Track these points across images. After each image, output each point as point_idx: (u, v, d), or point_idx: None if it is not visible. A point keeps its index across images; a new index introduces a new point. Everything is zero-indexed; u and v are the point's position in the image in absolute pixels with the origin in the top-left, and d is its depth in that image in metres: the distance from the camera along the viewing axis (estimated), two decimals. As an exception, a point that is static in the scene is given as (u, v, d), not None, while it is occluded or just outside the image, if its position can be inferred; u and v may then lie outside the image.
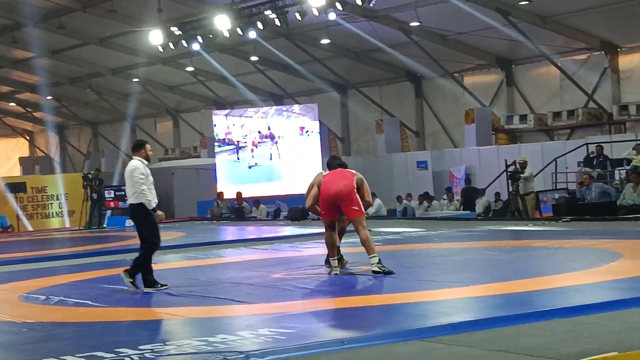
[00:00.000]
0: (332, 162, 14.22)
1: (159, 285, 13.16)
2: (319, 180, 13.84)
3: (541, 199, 27.34)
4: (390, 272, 12.99)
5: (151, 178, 13.43)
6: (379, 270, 12.98)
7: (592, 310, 9.24)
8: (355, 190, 13.42)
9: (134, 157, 13.64)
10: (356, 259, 14.50)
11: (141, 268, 13.27)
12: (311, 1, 26.95)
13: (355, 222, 13.42)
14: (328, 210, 13.55)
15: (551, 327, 8.58)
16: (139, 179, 13.26)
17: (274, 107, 39.40)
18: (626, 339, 7.83)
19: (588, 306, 9.45)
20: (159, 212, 13.69)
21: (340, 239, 14.19)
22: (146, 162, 13.57)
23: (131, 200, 13.41)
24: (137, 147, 13.73)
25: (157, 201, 13.48)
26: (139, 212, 13.38)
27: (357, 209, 13.36)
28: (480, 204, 29.96)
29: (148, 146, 13.75)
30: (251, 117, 36.95)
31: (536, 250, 15.95)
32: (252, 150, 36.41)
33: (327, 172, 13.99)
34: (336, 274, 13.47)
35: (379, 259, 13.15)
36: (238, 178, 36.14)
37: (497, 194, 29.74)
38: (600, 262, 13.37)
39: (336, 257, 13.64)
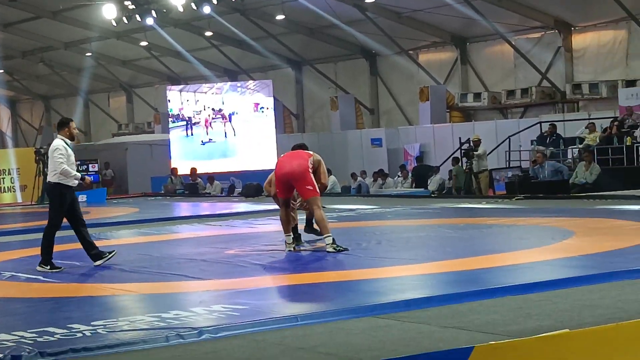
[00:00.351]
0: (294, 146, 14.21)
1: (107, 254, 13.15)
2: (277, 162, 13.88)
3: (494, 177, 27.50)
4: (344, 249, 13.01)
5: (72, 158, 13.09)
6: (333, 250, 12.96)
7: (543, 288, 9.30)
8: (311, 171, 13.40)
9: (58, 135, 13.33)
10: (311, 237, 14.50)
11: (48, 252, 13.01)
12: (267, -24, 26.87)
13: (310, 202, 13.41)
14: (282, 188, 13.53)
15: (503, 304, 8.63)
16: (58, 159, 12.95)
17: (229, 83, 39.29)
18: (577, 317, 7.90)
19: (540, 283, 9.51)
20: (87, 178, 13.97)
21: (308, 222, 14.35)
22: (69, 141, 13.26)
23: (50, 178, 13.18)
24: (61, 125, 13.36)
25: (77, 178, 13.19)
26: (54, 192, 13.18)
27: (312, 188, 13.29)
28: (434, 182, 30.04)
29: (72, 124, 13.34)
30: (205, 92, 36.82)
31: (489, 228, 16.05)
32: (206, 127, 36.31)
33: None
34: (290, 250, 13.48)
35: (333, 239, 13.12)
36: (192, 154, 36.06)
37: (450, 172, 29.86)
38: (552, 240, 13.46)
39: (291, 234, 13.64)
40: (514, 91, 34.23)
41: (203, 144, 36.42)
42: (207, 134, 36.29)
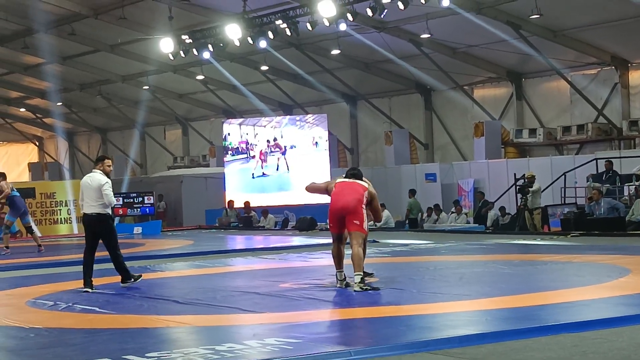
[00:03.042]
0: (347, 172, 14.03)
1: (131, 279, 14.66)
2: (332, 185, 13.69)
3: (550, 213, 27.29)
4: (374, 289, 12.84)
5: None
6: (359, 289, 12.73)
7: (599, 326, 9.23)
8: (365, 204, 13.29)
9: (95, 169, 14.63)
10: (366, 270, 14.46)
11: (126, 269, 14.65)
12: (322, 11, 26.97)
13: (352, 236, 13.21)
14: (335, 223, 13.38)
15: (558, 342, 8.57)
16: (109, 191, 14.31)
17: (288, 117, 39.40)
18: (633, 355, 7.82)
19: (596, 321, 9.43)
20: None
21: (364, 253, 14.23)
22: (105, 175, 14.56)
23: (96, 209, 14.39)
24: (98, 161, 14.81)
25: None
26: (107, 221, 14.56)
27: (358, 223, 13.13)
28: (489, 218, 29.93)
29: (107, 161, 14.73)
30: (264, 126, 37.02)
31: (544, 265, 15.93)
32: (260, 161, 36.48)
33: (338, 179, 13.87)
34: (341, 287, 13.32)
35: (362, 278, 12.91)
36: (248, 187, 36.21)
37: (503, 208, 29.74)
38: (608, 278, 13.34)
39: (342, 271, 13.44)
40: (569, 127, 34.00)
41: (253, 177, 36.59)
42: (262, 167, 36.45)
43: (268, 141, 36.47)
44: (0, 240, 24.29)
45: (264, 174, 36.55)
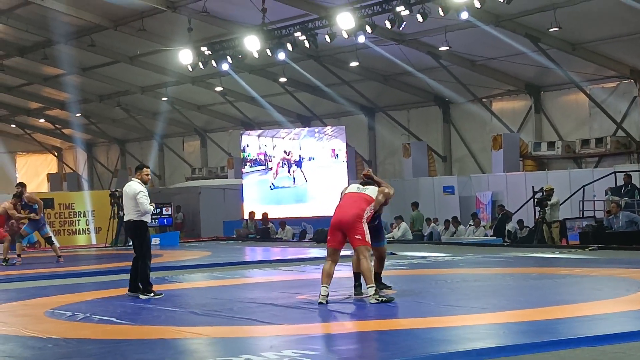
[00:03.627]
0: (364, 180, 14.04)
1: (151, 293, 14.66)
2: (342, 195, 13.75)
3: (568, 226, 27.22)
4: (388, 301, 12.85)
5: (149, 198, 15.01)
6: (375, 301, 12.74)
7: (618, 340, 9.20)
8: (365, 219, 13.25)
9: (133, 178, 15.20)
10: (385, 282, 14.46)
11: (149, 282, 14.80)
12: (341, 24, 27.00)
13: (357, 251, 13.19)
14: (332, 235, 13.33)
15: (577, 356, 8.55)
16: (144, 199, 14.78)
17: (306, 129, 39.39)
18: (653, 369, 7.80)
19: (614, 335, 9.40)
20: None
21: (382, 266, 14.26)
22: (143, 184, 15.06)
23: (132, 217, 14.95)
24: (137, 170, 15.39)
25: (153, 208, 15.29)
26: (141, 228, 14.96)
27: (361, 238, 13.10)
28: (508, 229, 29.87)
29: (145, 170, 15.24)
30: (283, 138, 37.07)
31: (562, 278, 15.89)
32: (276, 174, 36.53)
33: (351, 187, 13.89)
34: (322, 302, 12.96)
35: (376, 290, 12.94)
36: (267, 198, 36.24)
37: (521, 221, 29.68)
38: (626, 292, 13.29)
39: (327, 287, 13.11)
40: (588, 140, 33.93)
41: (272, 189, 36.63)
42: (275, 179, 36.53)
43: (285, 152, 36.51)
44: (13, 249, 24.36)
45: (283, 185, 36.58)
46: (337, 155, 36.22)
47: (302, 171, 36.36)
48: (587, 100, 33.99)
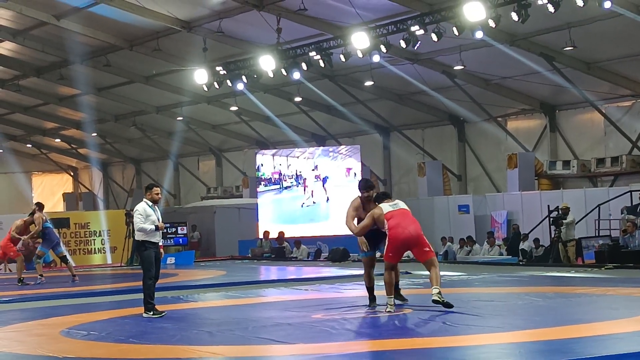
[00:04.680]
0: (377, 195, 14.52)
1: (150, 312, 14.75)
2: (377, 213, 14.13)
3: (584, 245, 27.16)
4: (449, 305, 13.55)
5: (152, 217, 14.99)
6: (437, 299, 13.56)
7: (634, 359, 9.16)
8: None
9: (144, 198, 15.35)
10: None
11: (151, 301, 14.83)
12: (355, 43, 27.06)
13: (428, 263, 13.99)
14: (396, 253, 14.06)
15: (593, 375, 8.52)
16: (136, 219, 15.01)
17: (321, 148, 39.48)
18: (669, 389, 7.77)
19: (631, 355, 9.37)
20: (160, 224, 15.18)
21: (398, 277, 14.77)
22: (150, 203, 15.14)
23: (137, 237, 15.40)
24: (146, 189, 15.56)
25: (153, 227, 15.02)
26: (139, 248, 15.23)
27: (429, 249, 13.99)
28: (523, 248, 29.81)
29: (154, 189, 15.35)
30: (297, 157, 37.14)
31: (578, 297, 15.84)
32: (311, 193, 36.69)
33: (385, 207, 14.29)
34: (390, 311, 13.73)
35: (439, 290, 13.69)
36: (281, 218, 36.28)
37: (537, 240, 29.62)
38: (643, 311, 13.26)
39: (393, 296, 14.00)
40: (603, 159, 33.84)
41: (302, 206, 36.78)
42: (307, 199, 36.72)
43: (313, 169, 36.75)
44: (33, 269, 24.51)
45: (314, 202, 36.73)
46: (355, 174, 36.26)
47: (325, 189, 36.51)
48: (602, 119, 33.94)
